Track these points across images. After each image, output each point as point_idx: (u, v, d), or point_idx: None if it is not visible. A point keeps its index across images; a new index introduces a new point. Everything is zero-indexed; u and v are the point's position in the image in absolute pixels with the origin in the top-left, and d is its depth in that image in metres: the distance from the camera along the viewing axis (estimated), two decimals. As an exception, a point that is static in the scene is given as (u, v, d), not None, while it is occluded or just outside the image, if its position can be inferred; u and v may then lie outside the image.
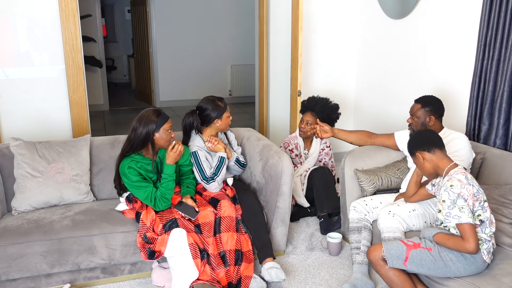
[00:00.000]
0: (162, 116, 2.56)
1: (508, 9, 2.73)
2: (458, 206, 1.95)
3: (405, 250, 2.08)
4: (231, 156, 2.86)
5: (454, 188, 1.96)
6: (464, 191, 1.95)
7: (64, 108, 3.63)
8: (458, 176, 2.00)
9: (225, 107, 2.84)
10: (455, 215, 1.95)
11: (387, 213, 2.43)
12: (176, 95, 8.25)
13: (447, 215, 1.99)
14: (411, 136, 2.28)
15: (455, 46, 3.31)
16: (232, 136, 3.04)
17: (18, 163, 2.68)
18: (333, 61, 4.63)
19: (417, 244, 2.10)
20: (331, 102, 3.54)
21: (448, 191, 1.98)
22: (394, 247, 2.12)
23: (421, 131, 2.36)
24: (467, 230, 1.94)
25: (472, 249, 1.93)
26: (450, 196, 1.97)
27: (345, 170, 2.88)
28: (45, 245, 2.38)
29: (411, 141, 2.23)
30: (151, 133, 2.53)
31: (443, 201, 2.00)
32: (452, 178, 2.00)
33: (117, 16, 11.25)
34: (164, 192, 2.51)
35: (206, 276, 2.35)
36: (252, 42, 5.39)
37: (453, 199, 1.96)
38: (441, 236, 2.05)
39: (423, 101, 2.68)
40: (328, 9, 4.48)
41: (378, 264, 2.16)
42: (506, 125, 2.82)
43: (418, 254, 2.07)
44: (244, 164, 2.96)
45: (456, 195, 1.95)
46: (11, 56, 3.44)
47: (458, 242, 1.97)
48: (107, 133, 6.13)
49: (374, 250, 2.19)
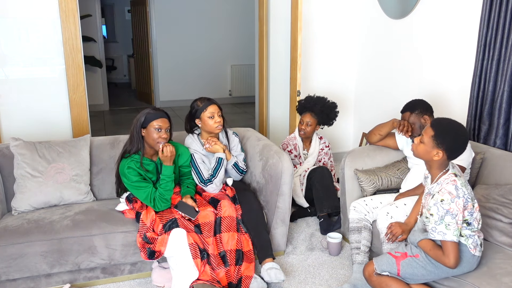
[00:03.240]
0: (155, 113, 2.54)
1: (508, 9, 2.73)
2: (445, 223, 1.91)
3: (395, 262, 2.09)
4: (230, 158, 2.82)
5: (444, 203, 1.91)
6: (453, 207, 1.91)
7: (64, 108, 3.63)
8: (448, 188, 1.93)
9: (204, 107, 2.73)
10: (441, 231, 1.93)
11: (385, 215, 2.44)
12: (176, 95, 8.25)
13: (433, 230, 1.96)
14: (443, 121, 2.01)
15: (455, 46, 3.31)
16: (235, 140, 2.96)
17: (18, 163, 2.68)
18: (333, 61, 4.63)
19: (404, 254, 2.10)
20: (329, 101, 3.54)
21: (438, 206, 1.93)
22: (384, 262, 2.12)
23: (457, 126, 2.01)
24: (449, 247, 1.93)
25: (451, 265, 1.94)
26: (438, 211, 1.93)
27: (345, 170, 2.88)
28: (45, 245, 2.38)
29: (440, 121, 2.00)
30: (139, 127, 2.53)
31: (431, 214, 1.97)
32: (443, 190, 1.94)
33: (117, 16, 11.26)
34: (163, 192, 2.51)
35: (206, 276, 2.35)
36: (252, 42, 5.40)
37: (441, 215, 1.92)
38: (425, 244, 2.04)
39: (408, 108, 2.70)
40: (328, 9, 4.48)
41: (371, 279, 2.16)
42: (506, 125, 2.82)
43: (407, 264, 2.07)
44: (243, 171, 2.89)
45: (445, 211, 1.91)
46: (11, 56, 3.44)
47: (439, 255, 1.97)
48: (107, 133, 6.13)
49: (367, 266, 2.19)
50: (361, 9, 4.51)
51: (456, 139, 1.96)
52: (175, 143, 2.74)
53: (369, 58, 4.46)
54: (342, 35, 4.59)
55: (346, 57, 4.66)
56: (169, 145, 2.51)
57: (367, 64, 4.50)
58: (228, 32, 8.22)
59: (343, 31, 4.58)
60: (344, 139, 4.90)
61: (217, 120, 2.75)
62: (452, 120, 2.00)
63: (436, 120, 2.03)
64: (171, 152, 2.51)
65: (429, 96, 3.50)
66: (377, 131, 2.91)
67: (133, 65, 9.70)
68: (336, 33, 4.57)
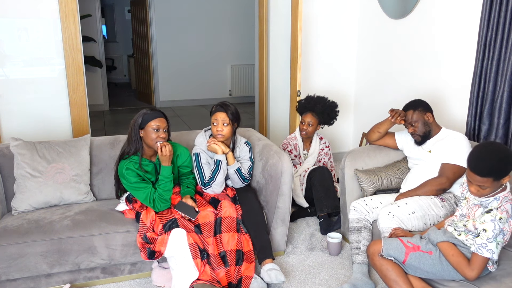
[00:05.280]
0: (152, 113, 2.53)
1: (508, 9, 2.73)
2: (497, 241, 1.87)
3: (404, 252, 2.08)
4: (233, 163, 2.74)
5: (501, 221, 1.86)
6: (506, 227, 1.87)
7: (64, 108, 3.63)
8: (507, 206, 1.88)
9: (213, 112, 2.68)
10: (490, 249, 1.87)
11: (387, 214, 2.44)
12: (176, 95, 8.25)
13: (483, 246, 1.89)
14: (488, 161, 1.87)
15: (455, 46, 3.31)
16: (245, 149, 2.84)
17: (18, 163, 2.68)
18: (333, 61, 4.63)
19: (416, 247, 2.07)
20: (329, 101, 3.54)
21: (496, 223, 1.86)
22: (393, 247, 2.11)
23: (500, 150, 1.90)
24: (481, 262, 1.90)
25: (471, 278, 1.92)
26: (495, 229, 1.86)
27: (345, 170, 2.88)
28: (45, 245, 2.37)
29: (486, 164, 1.88)
30: (137, 128, 2.53)
31: (484, 230, 1.88)
32: (502, 208, 1.88)
33: (117, 16, 11.27)
34: (162, 193, 2.51)
35: (206, 276, 2.35)
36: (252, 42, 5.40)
37: (496, 234, 1.86)
38: (447, 247, 2.01)
39: (411, 106, 2.71)
40: (328, 9, 4.48)
41: (374, 258, 2.15)
42: (506, 125, 2.82)
43: (417, 257, 2.05)
44: (245, 178, 2.79)
45: (500, 230, 1.86)
46: (11, 56, 3.44)
47: (462, 264, 1.94)
48: (107, 133, 6.13)
49: (373, 245, 2.19)
50: (361, 9, 4.51)
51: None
52: (174, 143, 2.74)
53: (369, 58, 4.46)
54: (342, 35, 4.59)
55: (346, 57, 4.66)
56: (168, 144, 2.51)
57: (367, 64, 4.50)
58: (228, 32, 8.22)
59: (343, 31, 4.58)
60: (344, 139, 4.90)
61: (218, 128, 2.67)
62: (485, 154, 1.90)
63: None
64: (169, 151, 2.50)
65: (429, 96, 3.51)
66: (376, 128, 2.91)
67: (133, 65, 9.70)
68: (336, 33, 4.57)
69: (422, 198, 2.52)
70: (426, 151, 2.68)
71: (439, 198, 2.54)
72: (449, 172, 2.53)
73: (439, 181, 2.56)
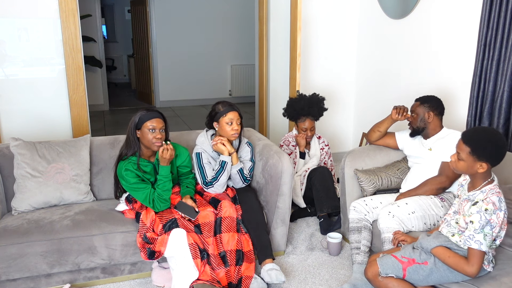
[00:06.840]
0: (148, 113, 2.52)
1: (508, 9, 2.73)
2: (485, 233, 1.88)
3: (401, 268, 2.07)
4: (236, 163, 2.74)
5: (487, 213, 1.86)
6: (494, 218, 1.87)
7: (64, 108, 3.63)
8: (493, 198, 1.89)
9: (224, 112, 2.68)
10: (478, 240, 1.88)
11: (387, 214, 2.44)
12: (176, 95, 8.25)
13: (470, 237, 1.90)
14: (474, 134, 1.94)
15: (455, 46, 3.31)
16: (246, 149, 2.85)
17: (18, 163, 2.68)
18: (333, 61, 4.63)
19: (411, 260, 2.07)
20: (319, 98, 3.51)
21: (482, 214, 1.87)
22: (389, 266, 2.10)
23: (488, 132, 1.95)
24: (477, 256, 1.90)
25: (473, 274, 1.92)
26: (481, 220, 1.87)
27: (345, 170, 2.88)
28: (45, 245, 2.38)
29: (470, 135, 1.92)
30: (134, 129, 2.53)
31: (471, 221, 1.90)
32: (488, 200, 1.89)
33: (117, 16, 11.27)
34: (161, 193, 2.51)
35: (206, 276, 2.35)
36: (252, 42, 5.40)
37: (483, 225, 1.86)
38: (442, 251, 2.01)
39: (422, 99, 2.70)
40: (327, 9, 4.48)
41: (376, 280, 2.13)
42: (506, 125, 2.82)
43: (414, 271, 2.05)
44: (246, 179, 2.81)
45: (486, 221, 1.87)
46: (11, 56, 3.44)
47: (460, 262, 1.94)
48: (107, 133, 6.13)
49: (369, 267, 2.16)
50: (361, 9, 4.51)
51: (495, 146, 1.88)
52: (173, 143, 2.73)
53: (369, 58, 4.46)
54: (342, 35, 4.59)
55: (345, 57, 4.66)
56: (172, 149, 2.49)
57: (367, 64, 4.50)
58: (228, 32, 8.22)
59: (343, 31, 4.58)
60: (344, 139, 4.90)
61: (234, 128, 2.68)
62: (479, 128, 1.97)
63: (465, 135, 1.94)
64: (170, 156, 2.50)
65: (429, 96, 3.51)
66: (376, 128, 2.92)
67: (133, 65, 9.71)
68: (336, 33, 4.57)
69: (422, 198, 2.52)
70: (427, 149, 2.68)
71: (439, 198, 2.54)
72: (449, 171, 2.53)
73: (439, 180, 2.56)
